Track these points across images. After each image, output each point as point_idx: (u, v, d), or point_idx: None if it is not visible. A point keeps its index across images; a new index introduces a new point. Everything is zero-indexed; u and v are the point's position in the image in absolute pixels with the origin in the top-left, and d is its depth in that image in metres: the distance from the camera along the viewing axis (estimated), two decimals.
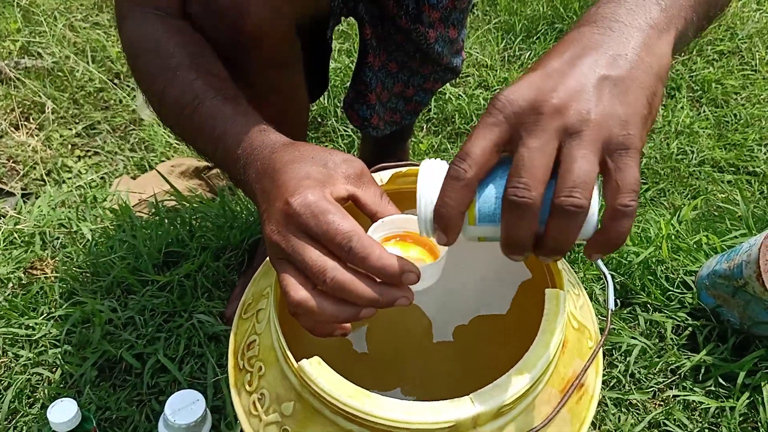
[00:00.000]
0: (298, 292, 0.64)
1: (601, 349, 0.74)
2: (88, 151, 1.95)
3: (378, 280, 0.64)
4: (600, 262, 0.82)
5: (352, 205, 0.72)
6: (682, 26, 0.65)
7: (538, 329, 0.70)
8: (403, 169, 0.83)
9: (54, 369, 1.25)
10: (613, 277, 1.36)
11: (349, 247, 0.63)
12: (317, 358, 0.68)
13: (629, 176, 0.56)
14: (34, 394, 1.22)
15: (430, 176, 0.63)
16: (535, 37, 2.34)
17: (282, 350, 0.71)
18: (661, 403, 1.20)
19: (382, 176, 0.83)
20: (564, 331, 0.71)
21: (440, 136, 2.00)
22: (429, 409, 0.65)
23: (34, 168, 1.87)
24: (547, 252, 0.58)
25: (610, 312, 0.75)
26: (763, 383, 1.18)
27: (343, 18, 1.25)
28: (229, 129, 0.79)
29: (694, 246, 1.41)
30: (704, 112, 2.06)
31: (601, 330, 0.80)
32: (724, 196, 1.74)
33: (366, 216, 0.72)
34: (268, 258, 0.85)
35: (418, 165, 0.83)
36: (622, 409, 1.19)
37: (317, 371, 0.67)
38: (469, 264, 0.94)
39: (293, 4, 0.99)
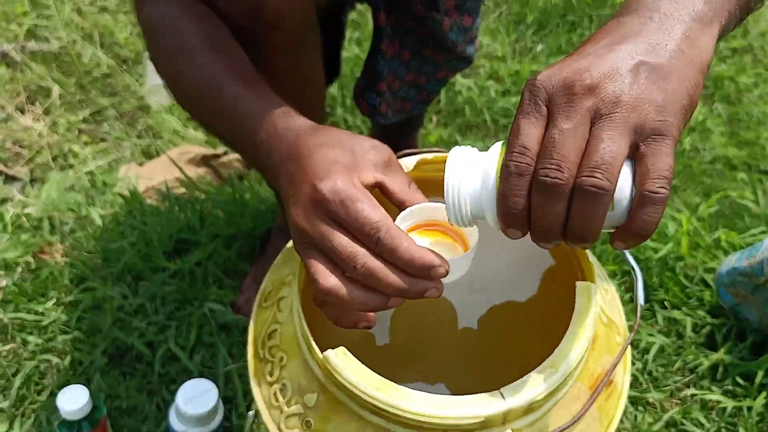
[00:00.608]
0: (328, 279, 0.63)
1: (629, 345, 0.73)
2: (94, 137, 1.93)
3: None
4: (629, 256, 0.80)
5: (379, 192, 0.70)
6: (726, 19, 0.63)
7: (562, 317, 0.68)
8: (429, 156, 0.82)
9: (63, 355, 1.23)
10: (632, 273, 1.35)
11: (377, 237, 0.62)
12: (343, 349, 0.66)
13: (662, 162, 0.54)
14: (43, 381, 1.21)
15: (459, 164, 0.62)
16: (547, 29, 2.32)
17: (306, 340, 0.69)
18: (679, 401, 1.18)
19: (408, 163, 0.81)
20: (595, 327, 0.69)
21: (450, 127, 1.98)
22: (458, 404, 0.63)
23: (40, 153, 1.85)
24: (573, 238, 0.57)
25: (639, 307, 0.74)
26: None
27: (357, 4, 1.24)
28: (252, 113, 0.77)
29: (713, 243, 1.39)
30: (716, 109, 2.04)
31: (630, 326, 0.78)
32: (736, 194, 1.72)
33: (393, 204, 0.71)
34: (287, 245, 0.84)
35: (443, 152, 0.82)
36: (639, 407, 1.17)
37: (343, 362, 0.65)
38: (494, 250, 0.93)
39: None
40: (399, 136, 1.63)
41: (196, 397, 1.05)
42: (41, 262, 1.38)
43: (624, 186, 0.55)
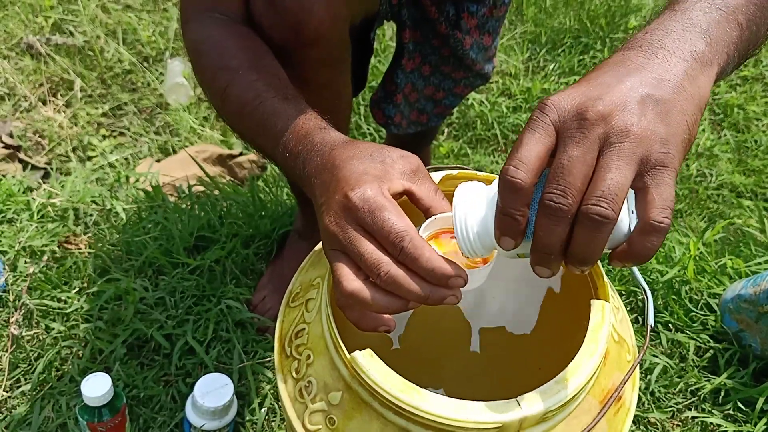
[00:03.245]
0: (352, 282, 0.66)
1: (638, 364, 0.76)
2: (113, 131, 1.96)
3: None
4: (640, 277, 0.83)
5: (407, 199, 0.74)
6: (724, 62, 0.66)
7: (568, 335, 0.71)
8: (454, 172, 0.85)
9: (84, 344, 1.26)
10: (636, 294, 1.39)
11: (401, 246, 0.65)
12: (369, 351, 0.69)
13: (666, 193, 0.56)
14: (63, 367, 1.24)
15: (466, 197, 0.65)
16: (560, 49, 2.35)
17: (334, 341, 0.72)
18: (680, 423, 1.21)
19: (434, 178, 0.84)
20: (608, 343, 0.72)
21: (460, 140, 2.01)
22: (478, 409, 0.66)
23: (60, 144, 1.89)
24: (574, 261, 0.59)
25: (649, 327, 0.77)
26: None
27: (385, 21, 1.28)
28: (290, 127, 0.81)
29: (719, 269, 1.42)
30: (725, 136, 2.07)
31: (639, 345, 0.81)
32: (741, 221, 1.75)
33: (420, 210, 0.74)
34: (315, 249, 0.88)
35: (468, 169, 0.86)
36: (641, 427, 1.20)
37: (369, 363, 0.68)
38: (503, 270, 0.96)
39: (351, 6, 1.02)
40: (412, 149, 1.66)
41: (213, 391, 1.09)
42: (66, 252, 1.42)
43: (623, 213, 0.59)
